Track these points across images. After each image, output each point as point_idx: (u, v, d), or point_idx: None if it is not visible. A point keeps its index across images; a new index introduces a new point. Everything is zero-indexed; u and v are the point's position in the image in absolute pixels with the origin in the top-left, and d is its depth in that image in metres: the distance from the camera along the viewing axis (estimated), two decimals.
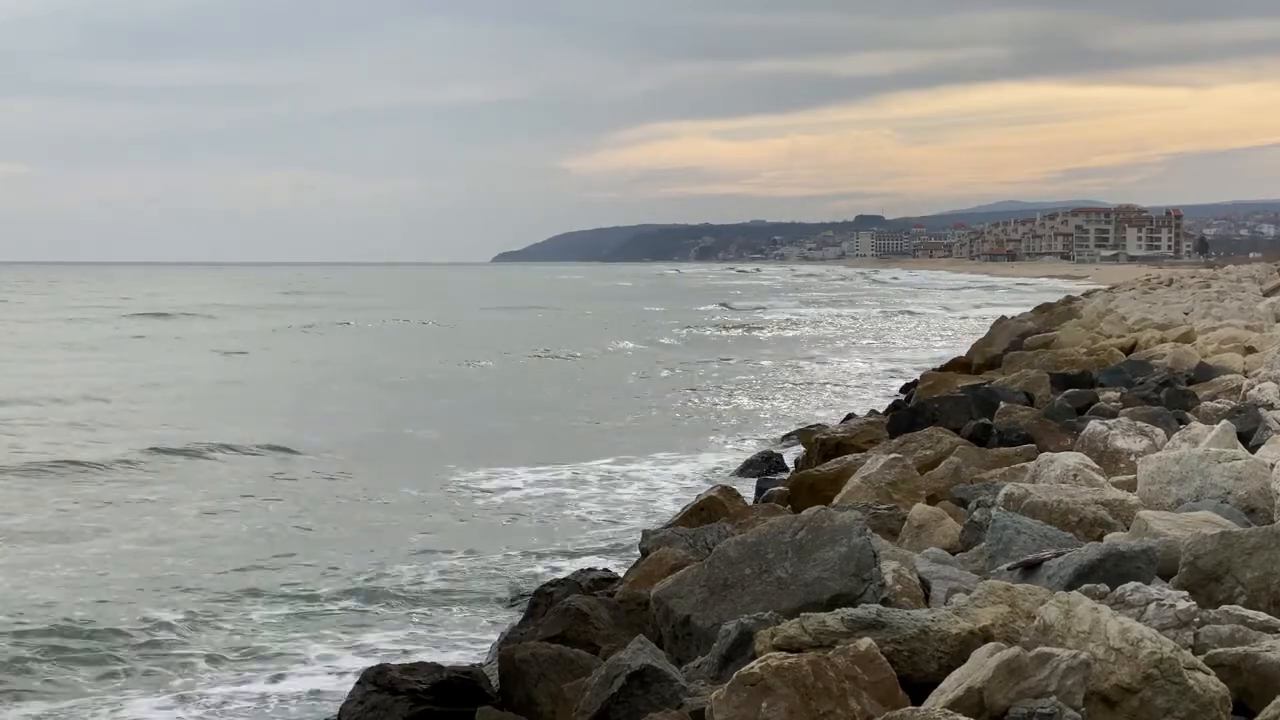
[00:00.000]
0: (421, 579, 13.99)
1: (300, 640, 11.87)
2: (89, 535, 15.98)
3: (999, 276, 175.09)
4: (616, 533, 16.25)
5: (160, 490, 19.10)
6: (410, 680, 8.58)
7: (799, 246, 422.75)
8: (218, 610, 12.78)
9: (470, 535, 16.22)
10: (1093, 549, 7.40)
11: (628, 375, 39.02)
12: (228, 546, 15.53)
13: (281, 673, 10.97)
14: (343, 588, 13.62)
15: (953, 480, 12.15)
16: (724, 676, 6.48)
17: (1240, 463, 9.37)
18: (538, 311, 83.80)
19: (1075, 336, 30.60)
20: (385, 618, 12.61)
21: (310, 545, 15.62)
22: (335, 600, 13.18)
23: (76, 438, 24.12)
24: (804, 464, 17.47)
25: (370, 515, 17.45)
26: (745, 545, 7.99)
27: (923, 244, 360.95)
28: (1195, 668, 5.88)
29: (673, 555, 10.20)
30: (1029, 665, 5.75)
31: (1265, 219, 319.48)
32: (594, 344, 51.61)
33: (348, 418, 27.67)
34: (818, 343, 53.88)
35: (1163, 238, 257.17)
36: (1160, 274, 77.95)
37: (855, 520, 7.87)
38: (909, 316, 75.58)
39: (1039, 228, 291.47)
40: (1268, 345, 22.27)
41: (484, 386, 35.87)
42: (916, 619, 6.56)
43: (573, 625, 9.35)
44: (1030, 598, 6.69)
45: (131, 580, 13.85)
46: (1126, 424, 12.41)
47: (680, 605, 7.97)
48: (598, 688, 7.10)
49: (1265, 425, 12.78)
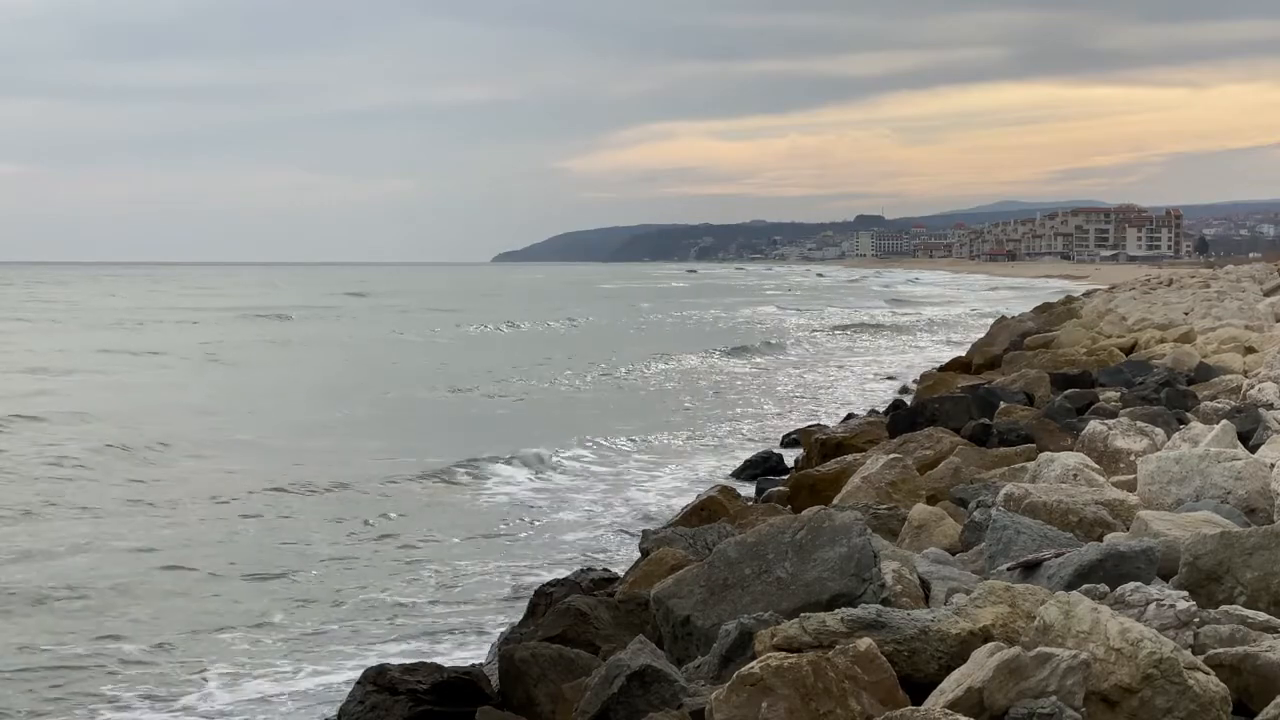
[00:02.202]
0: (421, 579, 13.99)
1: (300, 640, 11.87)
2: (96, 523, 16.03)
3: (999, 276, 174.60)
4: (616, 532, 16.26)
5: (160, 490, 19.09)
6: (410, 680, 8.58)
7: (799, 246, 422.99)
8: (218, 610, 12.79)
9: (470, 534, 16.23)
10: (1093, 549, 7.39)
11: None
12: (228, 546, 15.54)
13: (281, 673, 10.97)
14: (343, 587, 13.62)
15: (953, 480, 12.16)
16: (724, 676, 6.48)
17: (1240, 463, 9.37)
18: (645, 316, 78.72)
19: (1075, 336, 30.61)
20: (385, 617, 12.61)
21: (311, 545, 15.62)
22: (335, 600, 13.18)
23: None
24: (804, 464, 17.47)
25: (369, 514, 17.44)
26: (745, 545, 7.99)
27: (923, 244, 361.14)
28: (1195, 668, 5.88)
29: (673, 555, 10.20)
30: (1029, 665, 5.75)
31: (1265, 219, 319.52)
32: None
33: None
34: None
35: (1163, 238, 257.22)
36: (1160, 274, 77.89)
37: (855, 520, 7.87)
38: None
39: (1039, 228, 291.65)
40: (1268, 345, 22.28)
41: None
42: (916, 619, 6.56)
43: (573, 625, 9.35)
44: (1030, 598, 6.69)
45: (132, 579, 13.85)
46: (1126, 424, 12.41)
47: (680, 605, 7.97)
48: (598, 688, 7.10)
49: (1265, 425, 12.78)
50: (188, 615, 12.58)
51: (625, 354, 45.95)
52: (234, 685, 10.69)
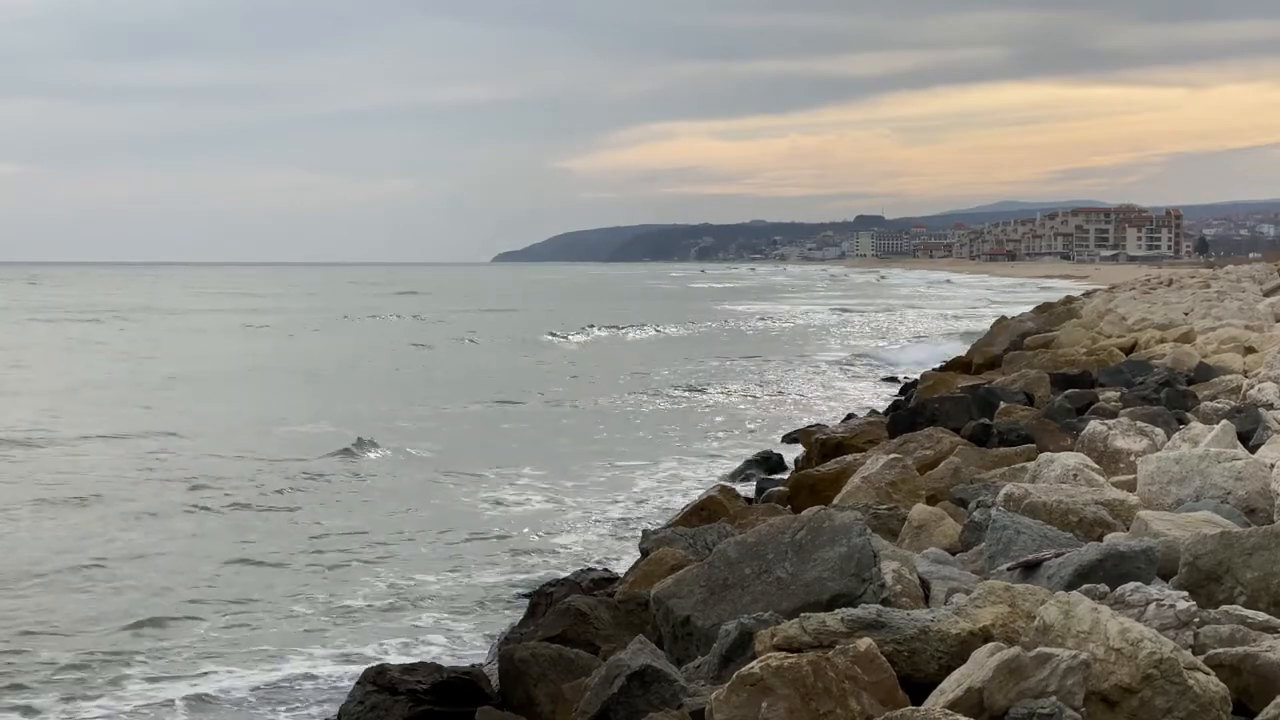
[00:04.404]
0: (421, 579, 13.99)
1: (301, 640, 11.87)
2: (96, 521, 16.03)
3: (999, 276, 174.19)
4: (616, 533, 16.25)
5: (158, 489, 19.09)
6: (410, 680, 8.59)
7: (799, 246, 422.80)
8: (219, 610, 12.79)
9: (470, 535, 16.22)
10: (1092, 549, 7.39)
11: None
12: (230, 547, 15.54)
13: (282, 673, 10.97)
14: (343, 587, 13.62)
15: (953, 480, 12.15)
16: (724, 676, 6.48)
17: (1240, 463, 9.37)
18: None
19: (1075, 336, 30.60)
20: (385, 618, 12.61)
21: (311, 545, 15.62)
22: (335, 600, 13.18)
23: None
24: (804, 464, 17.47)
25: (371, 514, 17.44)
26: (745, 545, 7.99)
27: (923, 244, 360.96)
28: (1195, 668, 5.88)
29: (673, 555, 10.21)
30: (1029, 665, 5.75)
31: (1265, 219, 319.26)
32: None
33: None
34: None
35: (1163, 238, 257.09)
36: (1160, 274, 77.77)
37: (855, 520, 7.87)
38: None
39: (1039, 228, 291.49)
40: (1268, 345, 22.27)
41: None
42: (916, 619, 6.56)
43: (573, 625, 9.36)
44: (1030, 598, 6.69)
45: (133, 579, 13.86)
46: (1126, 424, 12.40)
47: (680, 605, 7.97)
48: (598, 688, 7.10)
49: (1265, 425, 12.78)
50: (186, 615, 12.60)
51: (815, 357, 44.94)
52: (233, 682, 10.69)
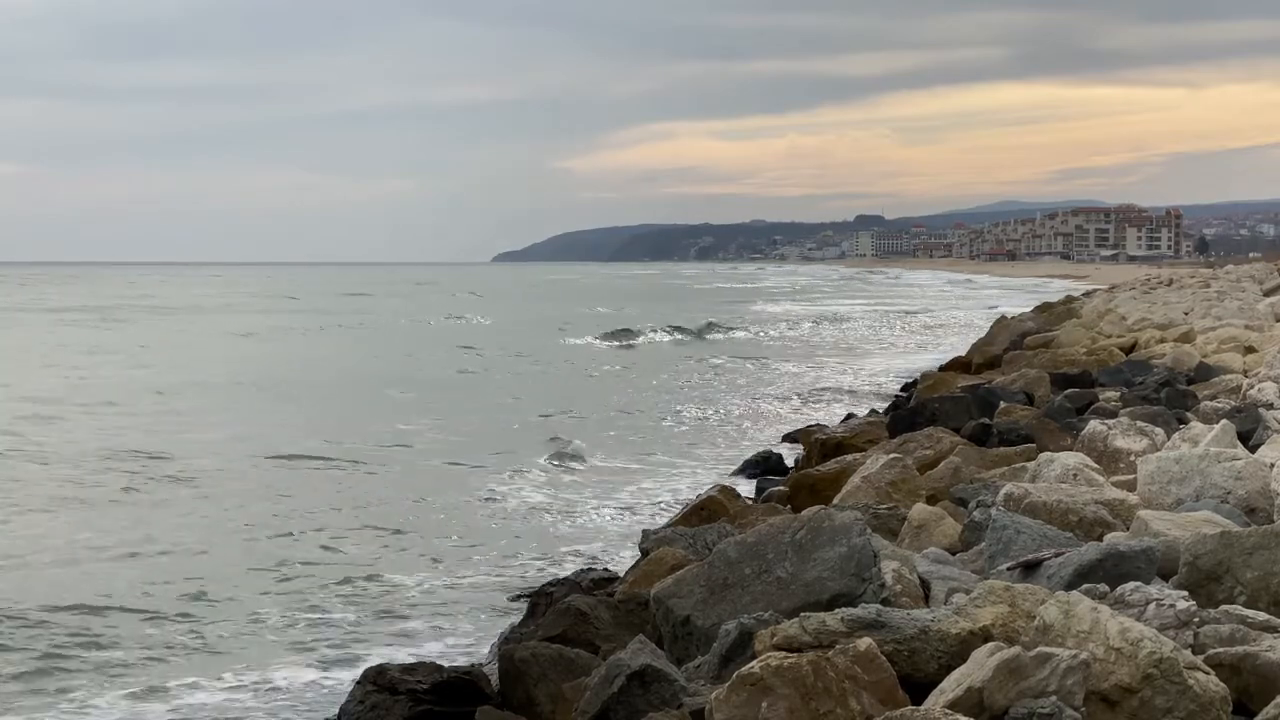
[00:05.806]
0: (421, 578, 13.98)
1: (301, 640, 11.87)
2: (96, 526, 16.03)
3: (1001, 276, 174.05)
4: (616, 532, 16.25)
5: (158, 488, 19.10)
6: (410, 680, 8.59)
7: (799, 246, 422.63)
8: (219, 610, 12.78)
9: (470, 535, 16.22)
10: (1092, 549, 7.40)
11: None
12: (229, 545, 15.54)
13: (282, 672, 10.96)
14: (343, 587, 13.61)
15: (953, 480, 12.16)
16: (724, 676, 6.48)
17: (1240, 463, 9.37)
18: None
19: (1075, 336, 30.62)
20: (385, 617, 12.60)
21: (311, 544, 15.61)
22: (335, 599, 13.17)
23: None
24: (804, 464, 17.48)
25: (372, 515, 17.43)
26: (745, 545, 8.00)
27: (923, 244, 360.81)
28: (1195, 667, 5.88)
29: (673, 555, 10.20)
30: (1029, 665, 5.75)
31: (1265, 219, 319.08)
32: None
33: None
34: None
35: (1163, 238, 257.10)
36: (1160, 274, 77.77)
37: (855, 520, 7.87)
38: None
39: (1039, 228, 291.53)
40: (1268, 345, 22.27)
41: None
42: (916, 619, 6.57)
43: (573, 625, 9.36)
44: (1030, 598, 6.69)
45: (133, 578, 13.85)
46: (1126, 424, 12.41)
47: (680, 605, 7.97)
48: (598, 688, 7.10)
49: (1265, 425, 12.78)
50: (187, 614, 12.59)
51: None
52: (233, 682, 10.69)
